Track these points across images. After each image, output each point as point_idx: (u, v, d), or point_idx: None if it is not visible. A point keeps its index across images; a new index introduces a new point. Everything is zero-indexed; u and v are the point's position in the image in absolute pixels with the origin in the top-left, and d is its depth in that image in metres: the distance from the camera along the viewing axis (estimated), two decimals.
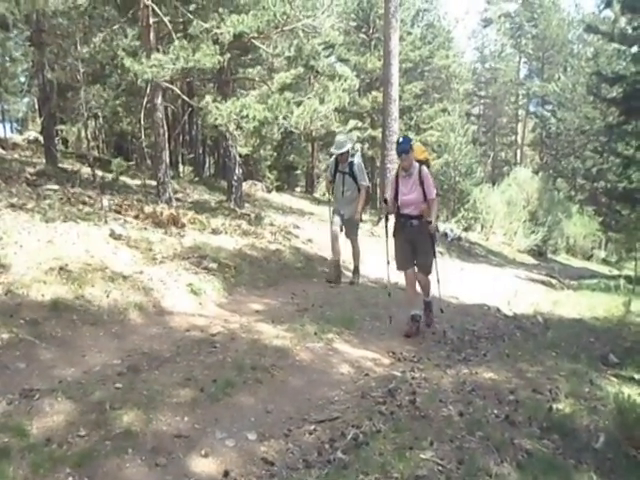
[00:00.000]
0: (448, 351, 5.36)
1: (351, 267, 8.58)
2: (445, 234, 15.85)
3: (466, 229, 19.92)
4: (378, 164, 20.62)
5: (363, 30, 24.75)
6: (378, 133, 19.99)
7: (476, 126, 40.23)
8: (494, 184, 29.05)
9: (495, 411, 3.61)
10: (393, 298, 6.33)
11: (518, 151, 44.39)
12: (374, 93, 22.72)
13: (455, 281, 9.63)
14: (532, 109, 43.93)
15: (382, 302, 7.11)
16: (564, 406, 3.71)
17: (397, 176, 5.76)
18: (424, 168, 5.62)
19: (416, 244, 5.63)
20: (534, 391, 3.96)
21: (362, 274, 8.76)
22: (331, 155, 8.45)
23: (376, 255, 10.49)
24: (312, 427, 3.41)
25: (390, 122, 13.51)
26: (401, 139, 5.57)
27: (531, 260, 19.76)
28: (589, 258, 26.25)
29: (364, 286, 8.16)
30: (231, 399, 3.69)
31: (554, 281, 12.30)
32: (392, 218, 5.87)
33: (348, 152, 7.78)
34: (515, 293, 8.79)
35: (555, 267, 17.43)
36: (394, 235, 5.81)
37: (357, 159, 7.87)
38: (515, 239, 22.37)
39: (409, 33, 25.48)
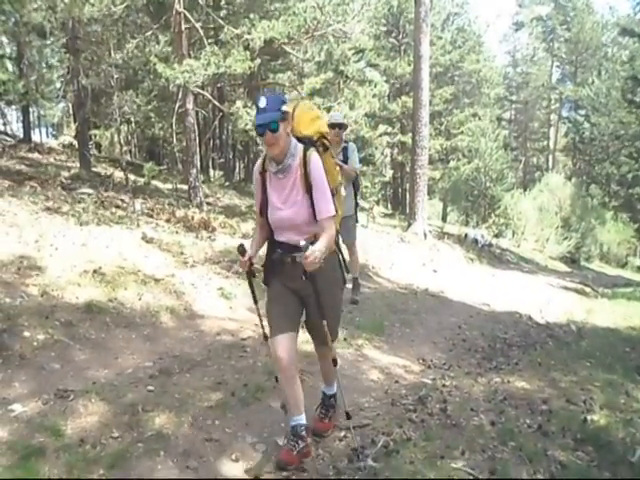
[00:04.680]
0: (479, 359, 5.30)
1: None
2: (475, 240, 15.66)
3: (497, 235, 19.64)
4: (408, 169, 20.58)
5: (393, 35, 24.76)
6: (408, 138, 19.96)
7: (507, 131, 39.80)
8: (525, 190, 28.72)
9: (527, 421, 3.55)
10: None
11: (550, 156, 43.71)
12: (404, 98, 22.71)
13: (486, 288, 9.55)
14: (565, 114, 43.29)
15: (412, 308, 7.08)
16: (599, 417, 3.63)
17: (262, 172, 3.07)
18: (313, 155, 2.92)
19: (304, 295, 3.06)
20: (568, 401, 3.89)
21: (392, 279, 8.72)
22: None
23: (406, 261, 10.47)
24: (342, 434, 3.40)
25: (420, 127, 13.43)
26: (263, 101, 2.81)
27: (564, 267, 19.42)
28: (624, 266, 25.66)
29: (394, 292, 8.11)
30: (261, 404, 3.71)
31: (588, 289, 12.05)
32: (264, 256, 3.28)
33: (346, 127, 6.71)
34: (547, 301, 8.65)
35: (588, 275, 17.10)
36: (266, 282, 3.20)
37: (352, 143, 6.64)
38: (547, 246, 22.01)
39: (439, 37, 25.44)
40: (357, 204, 6.90)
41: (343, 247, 7.21)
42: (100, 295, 5.26)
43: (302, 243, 2.74)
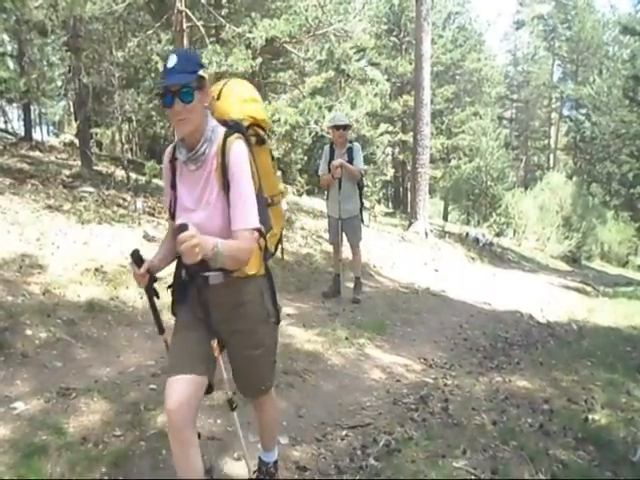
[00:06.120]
0: (480, 358, 5.31)
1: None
2: (477, 239, 15.64)
3: (498, 234, 19.61)
4: (409, 168, 20.57)
5: (394, 33, 24.72)
6: (409, 137, 19.94)
7: (508, 130, 39.78)
8: (526, 189, 28.63)
9: (529, 420, 3.56)
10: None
11: (551, 155, 43.67)
12: (405, 97, 22.71)
13: (487, 287, 9.55)
14: (566, 112, 43.23)
15: (413, 308, 7.08)
16: (600, 417, 3.64)
17: (173, 160, 2.27)
18: (235, 143, 2.12)
19: (225, 335, 2.37)
20: (569, 401, 3.90)
21: (393, 279, 8.71)
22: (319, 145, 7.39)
23: (407, 260, 10.47)
24: (344, 432, 3.41)
25: (421, 126, 13.41)
26: (172, 59, 2.05)
27: (565, 266, 19.40)
28: (624, 265, 25.64)
29: (395, 291, 8.11)
30: None
31: (589, 288, 12.04)
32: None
33: (349, 128, 6.87)
34: (549, 300, 8.65)
35: (590, 274, 17.10)
36: (174, 311, 2.55)
37: (356, 143, 6.67)
38: (548, 245, 21.98)
39: (440, 36, 25.42)
40: (362, 204, 6.89)
41: (331, 248, 7.31)
42: (102, 293, 5.27)
43: (179, 221, 2.01)
